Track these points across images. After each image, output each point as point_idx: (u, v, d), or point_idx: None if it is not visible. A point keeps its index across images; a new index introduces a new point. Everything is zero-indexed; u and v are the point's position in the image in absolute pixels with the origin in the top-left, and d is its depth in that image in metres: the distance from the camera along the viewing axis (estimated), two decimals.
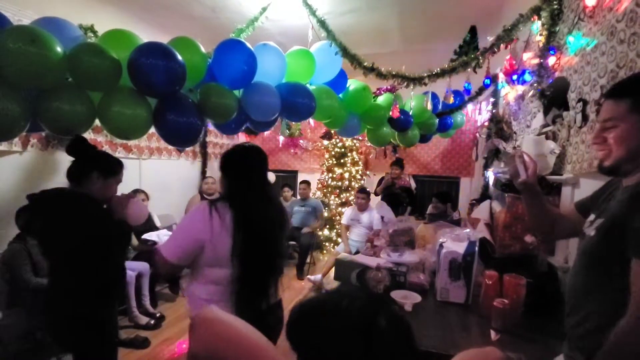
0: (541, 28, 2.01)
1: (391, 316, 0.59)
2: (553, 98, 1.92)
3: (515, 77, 2.40)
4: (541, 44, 2.00)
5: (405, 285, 1.81)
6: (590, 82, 1.54)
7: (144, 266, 3.02)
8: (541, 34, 2.00)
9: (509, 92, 2.92)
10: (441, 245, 1.75)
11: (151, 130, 1.90)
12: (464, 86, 3.11)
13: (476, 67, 2.41)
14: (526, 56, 2.30)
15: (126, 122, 1.72)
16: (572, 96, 1.74)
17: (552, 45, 1.97)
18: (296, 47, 2.41)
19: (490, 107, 3.62)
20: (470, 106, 3.55)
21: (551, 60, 1.97)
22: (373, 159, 5.55)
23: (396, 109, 2.82)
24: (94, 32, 2.06)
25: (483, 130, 3.71)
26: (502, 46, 2.28)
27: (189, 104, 1.91)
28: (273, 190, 1.45)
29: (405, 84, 2.51)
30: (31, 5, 2.48)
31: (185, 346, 2.63)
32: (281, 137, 5.34)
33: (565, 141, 1.80)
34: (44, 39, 1.41)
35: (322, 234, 5.02)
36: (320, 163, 5.57)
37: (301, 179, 5.44)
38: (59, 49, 1.46)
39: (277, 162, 6.05)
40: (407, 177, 4.90)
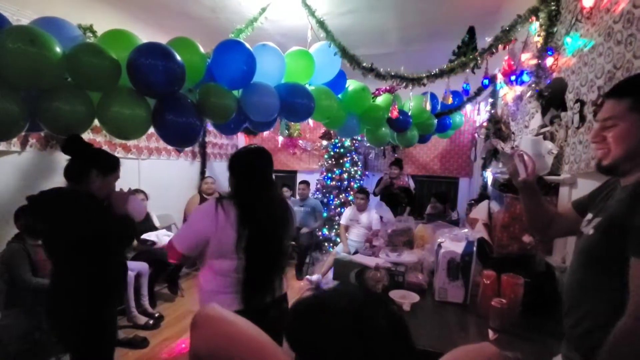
0: (539, 29, 2.01)
1: (389, 315, 0.59)
2: (551, 99, 1.92)
3: (513, 77, 2.41)
4: (539, 45, 2.01)
5: (404, 285, 1.82)
6: (588, 82, 1.55)
7: (143, 266, 3.02)
8: (539, 35, 2.01)
9: (507, 93, 2.93)
10: (439, 245, 1.75)
11: (150, 131, 1.90)
12: (463, 87, 3.12)
13: (474, 67, 2.42)
14: (524, 57, 2.31)
15: (125, 123, 1.72)
16: (570, 97, 1.75)
17: (550, 46, 1.97)
18: (295, 48, 2.41)
19: (488, 108, 3.63)
20: (469, 106, 3.56)
21: (549, 61, 1.97)
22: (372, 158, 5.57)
23: (395, 110, 2.83)
24: (93, 32, 2.06)
25: (481, 131, 3.72)
26: (501, 47, 2.29)
27: (188, 104, 1.91)
28: (277, 189, 1.54)
29: (404, 84, 2.51)
30: (30, 5, 2.48)
31: (184, 345, 2.64)
32: (280, 138, 5.34)
33: (562, 141, 1.80)
34: (43, 39, 1.41)
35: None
36: (320, 163, 5.57)
37: (300, 179, 5.44)
38: (58, 49, 1.46)
39: (276, 162, 6.03)
40: (406, 178, 4.91)
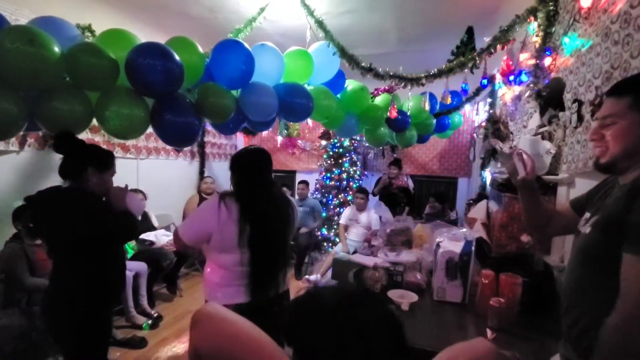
0: (537, 29, 2.02)
1: (381, 312, 0.59)
2: (549, 99, 1.93)
3: (512, 77, 2.41)
4: (537, 45, 2.01)
5: (402, 285, 1.82)
6: (586, 82, 1.55)
7: (141, 266, 3.01)
8: (537, 35, 2.01)
9: (506, 93, 2.94)
10: (438, 245, 1.76)
11: (149, 130, 1.90)
12: (462, 87, 3.12)
13: (473, 68, 2.42)
14: (523, 57, 2.31)
15: (123, 122, 1.72)
16: (568, 97, 1.75)
17: (548, 46, 1.98)
18: (294, 48, 2.41)
19: (487, 108, 3.63)
20: (467, 106, 3.57)
21: (547, 61, 1.98)
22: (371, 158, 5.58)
23: (394, 110, 2.83)
24: (92, 32, 2.06)
25: (480, 131, 3.72)
26: (499, 47, 2.29)
27: (186, 104, 1.91)
28: (277, 186, 1.61)
29: (403, 84, 2.51)
30: (28, 5, 2.47)
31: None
32: (279, 137, 5.33)
33: (560, 141, 1.81)
34: (41, 38, 1.41)
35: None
36: (319, 163, 5.57)
37: (299, 179, 5.43)
38: (56, 48, 1.46)
39: (275, 162, 5.94)
40: (404, 177, 4.91)
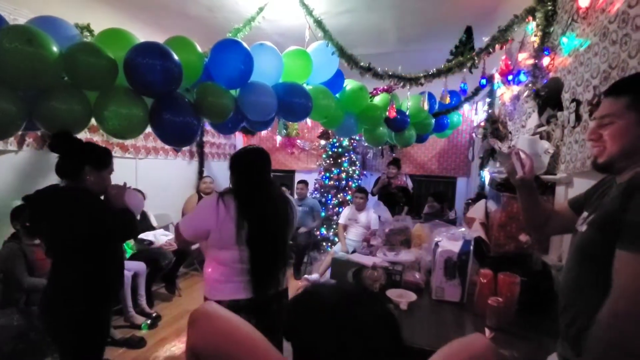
0: (536, 29, 2.02)
1: (377, 310, 0.60)
2: (547, 98, 1.93)
3: (510, 77, 2.42)
4: (536, 45, 2.02)
5: (401, 284, 1.82)
6: (584, 82, 1.56)
7: (140, 266, 3.01)
8: (536, 35, 2.01)
9: (504, 93, 2.95)
10: (437, 244, 1.76)
11: (148, 130, 1.89)
12: (460, 86, 3.13)
13: (472, 67, 2.43)
14: (521, 57, 2.32)
15: (122, 122, 1.71)
16: (566, 96, 1.76)
17: (546, 46, 1.98)
18: (293, 47, 2.41)
19: (486, 107, 3.64)
20: (466, 106, 3.57)
21: (545, 61, 1.98)
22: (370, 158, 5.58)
23: (393, 109, 2.83)
24: (90, 31, 2.06)
25: (479, 130, 3.73)
26: (498, 47, 2.29)
27: (185, 103, 1.91)
28: (276, 186, 1.63)
29: (402, 84, 2.52)
30: (27, 4, 2.47)
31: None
32: (278, 137, 5.33)
33: (559, 141, 1.81)
34: (40, 38, 1.41)
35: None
36: (318, 163, 5.57)
37: (298, 178, 5.44)
38: (55, 48, 1.45)
39: (275, 162, 6.00)
40: (403, 177, 4.92)
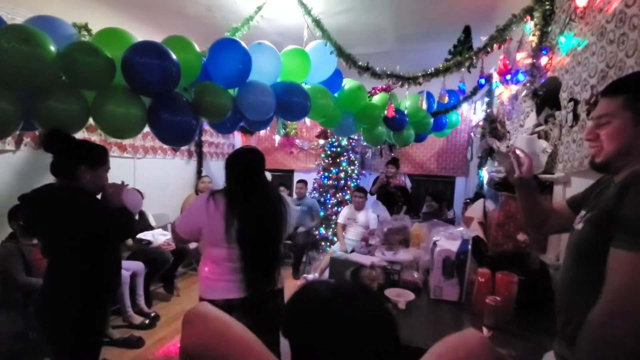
0: (534, 28, 2.02)
1: (377, 309, 0.60)
2: (545, 98, 1.93)
3: (508, 77, 2.42)
4: (534, 44, 2.02)
5: (399, 284, 1.82)
6: (581, 82, 1.56)
7: (138, 266, 3.01)
8: (534, 35, 2.01)
9: (503, 92, 2.94)
10: (435, 244, 1.76)
11: (146, 129, 1.89)
12: (458, 86, 3.13)
13: (470, 67, 2.43)
14: (519, 56, 2.32)
15: (120, 121, 1.72)
16: (564, 96, 1.76)
17: (544, 46, 1.98)
18: (291, 46, 2.41)
19: (484, 107, 3.64)
20: (465, 105, 3.57)
21: (543, 60, 1.98)
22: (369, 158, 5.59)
23: (391, 108, 2.83)
24: (88, 31, 2.05)
25: (478, 130, 3.73)
26: (496, 46, 2.29)
27: (183, 103, 1.91)
28: (270, 185, 1.63)
29: (400, 83, 2.52)
30: (25, 4, 2.46)
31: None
32: (277, 137, 5.33)
33: (557, 140, 1.82)
34: (37, 38, 1.40)
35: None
36: (316, 162, 5.57)
37: (297, 178, 5.44)
38: (52, 47, 1.45)
39: (273, 162, 6.03)
40: (402, 177, 4.92)
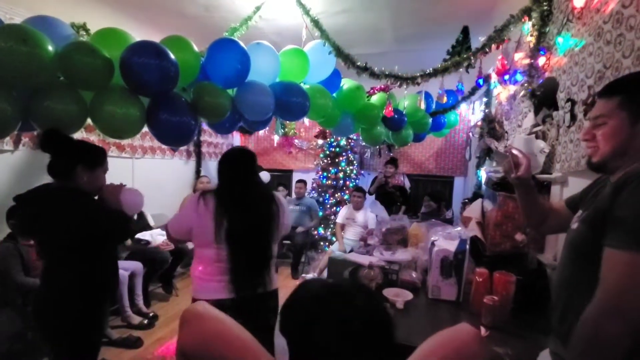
0: (532, 29, 2.03)
1: (373, 307, 0.61)
2: (543, 98, 1.94)
3: (507, 77, 2.42)
4: (532, 45, 2.02)
5: (398, 283, 1.83)
6: (578, 82, 1.57)
7: (137, 266, 3.01)
8: (532, 35, 2.02)
9: (501, 92, 2.95)
10: (433, 244, 1.76)
11: (144, 129, 1.89)
12: (457, 86, 3.13)
13: (468, 67, 2.43)
14: (517, 56, 2.32)
15: (118, 121, 1.71)
16: (561, 96, 1.77)
17: (542, 46, 1.99)
18: (290, 46, 2.41)
19: (483, 107, 3.65)
20: (464, 106, 3.58)
21: (541, 61, 1.99)
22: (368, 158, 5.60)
23: (390, 108, 2.83)
24: (86, 31, 2.05)
25: (476, 130, 3.74)
26: (494, 47, 2.30)
27: (182, 103, 1.90)
28: (261, 184, 1.61)
29: (399, 83, 2.52)
30: (23, 4, 2.46)
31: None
32: (276, 137, 5.33)
33: (554, 140, 1.82)
34: (35, 37, 1.40)
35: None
36: (315, 162, 5.58)
37: (296, 178, 5.44)
38: (50, 47, 1.45)
39: (272, 162, 6.03)
40: (401, 177, 4.93)
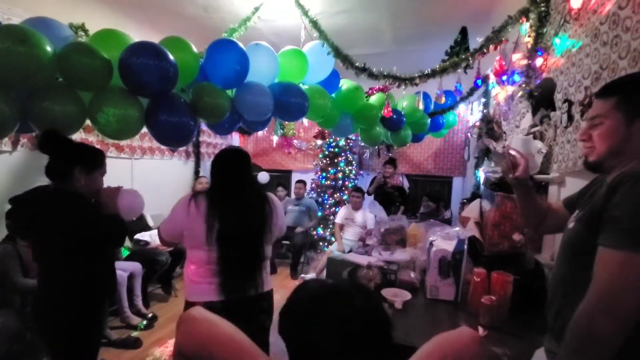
0: (529, 30, 2.04)
1: (368, 307, 0.61)
2: (540, 99, 1.95)
3: (505, 77, 2.43)
4: (529, 46, 2.03)
5: (396, 283, 1.83)
6: (575, 83, 1.57)
7: (136, 266, 3.00)
8: (529, 36, 2.03)
9: (499, 93, 2.96)
10: (431, 244, 1.77)
11: (143, 130, 1.89)
12: (455, 86, 3.14)
13: (466, 68, 2.44)
14: (515, 57, 2.33)
15: (117, 122, 1.71)
16: (558, 97, 1.78)
17: (539, 47, 2.00)
18: (289, 47, 2.41)
19: (481, 108, 3.66)
20: (462, 106, 3.60)
21: (539, 62, 2.00)
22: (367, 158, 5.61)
23: (388, 109, 2.84)
24: (85, 31, 2.06)
25: (474, 130, 3.75)
26: (492, 47, 2.31)
27: (181, 103, 1.91)
28: (254, 185, 1.58)
29: (397, 84, 2.53)
30: (21, 4, 2.46)
31: None
32: (275, 137, 5.33)
33: (552, 141, 1.83)
34: (33, 38, 1.40)
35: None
36: (314, 163, 5.58)
37: (295, 178, 5.44)
38: (48, 48, 1.45)
39: (271, 162, 6.04)
40: (400, 177, 4.94)
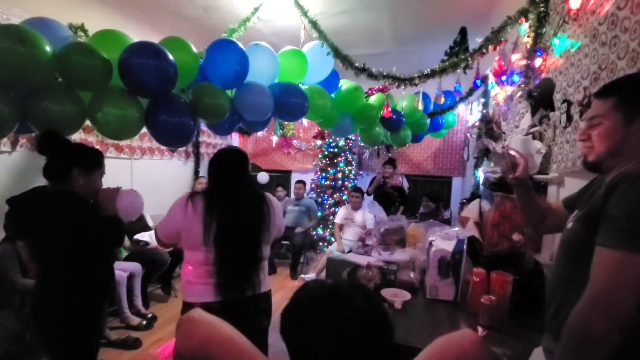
0: (528, 30, 2.04)
1: (369, 307, 0.61)
2: (539, 99, 1.95)
3: (504, 78, 2.44)
4: (528, 46, 2.04)
5: (396, 284, 1.83)
6: (574, 83, 1.58)
7: (136, 267, 3.00)
8: (528, 36, 2.03)
9: (498, 93, 2.97)
10: (431, 244, 1.77)
11: (143, 130, 1.89)
12: (454, 87, 3.15)
13: (466, 68, 2.45)
14: (514, 57, 2.34)
15: (117, 123, 1.71)
16: (557, 97, 1.78)
17: (538, 47, 2.00)
18: (288, 47, 2.42)
19: (480, 108, 3.66)
20: (462, 106, 3.60)
21: (538, 62, 2.00)
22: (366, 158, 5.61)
23: (388, 109, 2.84)
24: (85, 31, 2.05)
25: (474, 130, 3.76)
26: (491, 47, 2.32)
27: (181, 104, 1.91)
28: (251, 185, 1.59)
29: (397, 84, 2.53)
30: (20, 4, 2.46)
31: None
32: (275, 137, 5.33)
33: (551, 141, 1.83)
34: (33, 38, 1.40)
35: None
36: (314, 163, 5.58)
37: (295, 178, 5.44)
38: (48, 48, 1.45)
39: (271, 162, 6.04)
40: (399, 177, 4.94)
